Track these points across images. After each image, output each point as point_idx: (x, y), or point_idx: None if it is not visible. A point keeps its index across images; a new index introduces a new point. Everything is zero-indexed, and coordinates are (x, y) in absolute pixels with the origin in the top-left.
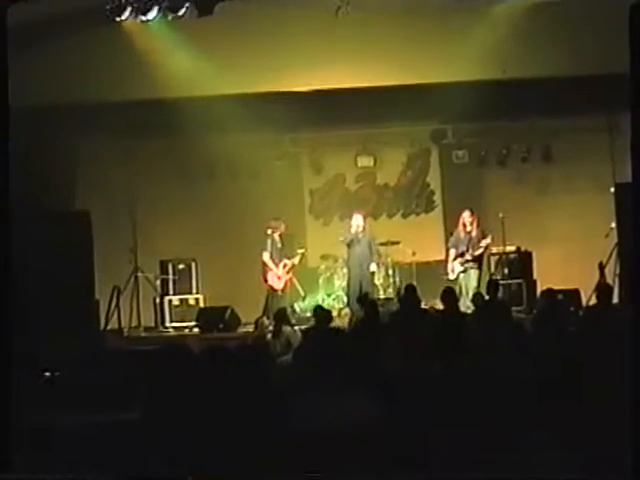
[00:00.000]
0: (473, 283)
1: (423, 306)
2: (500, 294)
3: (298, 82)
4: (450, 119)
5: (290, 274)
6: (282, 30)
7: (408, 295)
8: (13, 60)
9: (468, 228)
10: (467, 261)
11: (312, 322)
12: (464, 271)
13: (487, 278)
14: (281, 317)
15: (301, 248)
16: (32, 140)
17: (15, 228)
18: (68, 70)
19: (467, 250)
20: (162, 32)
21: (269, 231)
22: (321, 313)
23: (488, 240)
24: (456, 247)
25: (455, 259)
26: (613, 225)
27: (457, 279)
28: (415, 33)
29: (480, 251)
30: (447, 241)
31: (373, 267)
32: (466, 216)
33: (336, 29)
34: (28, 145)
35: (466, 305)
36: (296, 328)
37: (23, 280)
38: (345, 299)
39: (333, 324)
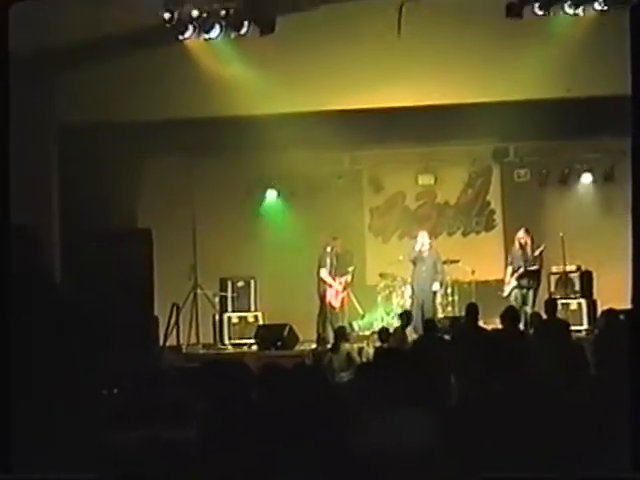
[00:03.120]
0: (528, 301)
1: (483, 325)
2: (559, 313)
3: (359, 100)
4: (512, 137)
5: (347, 291)
6: (345, 48)
7: (470, 314)
8: (77, 78)
9: (523, 246)
10: (521, 277)
11: (370, 339)
12: (519, 287)
13: (546, 297)
14: (342, 335)
15: (350, 266)
16: (96, 158)
17: (78, 245)
18: (132, 87)
19: (522, 267)
20: (225, 50)
21: (328, 248)
22: (384, 333)
23: (541, 248)
24: (512, 264)
25: (511, 275)
26: None
27: (510, 295)
28: (478, 51)
29: (534, 268)
30: (507, 260)
31: (436, 286)
32: (521, 234)
33: (398, 47)
34: (92, 163)
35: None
36: (355, 346)
37: (84, 296)
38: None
39: (392, 343)
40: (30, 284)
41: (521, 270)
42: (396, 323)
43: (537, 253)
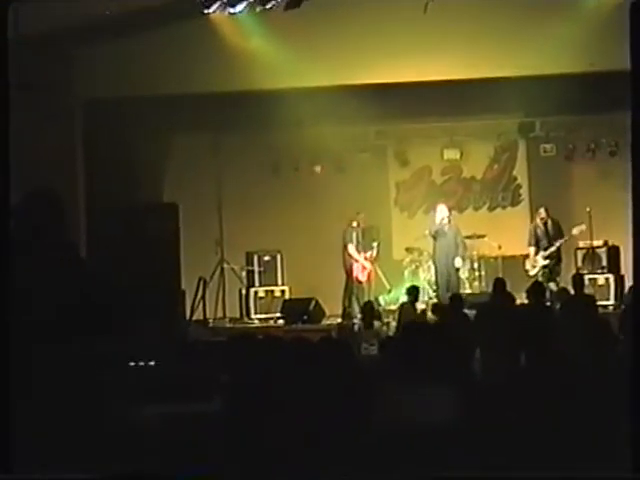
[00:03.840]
0: (554, 277)
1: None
2: (586, 289)
3: (385, 74)
4: (538, 112)
5: (373, 266)
6: (370, 22)
7: (497, 289)
8: (103, 53)
9: (545, 224)
10: (548, 257)
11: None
12: (545, 267)
13: (573, 272)
14: (369, 310)
15: (375, 240)
16: (122, 133)
17: (105, 220)
18: (158, 62)
19: (547, 245)
20: (250, 24)
21: (354, 223)
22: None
23: (564, 238)
24: (536, 244)
25: (536, 254)
26: None
27: (537, 275)
28: (503, 25)
29: (558, 244)
30: (530, 239)
31: (458, 262)
32: (542, 214)
33: (425, 21)
34: (118, 138)
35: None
36: (382, 321)
37: (112, 270)
38: (431, 292)
39: (418, 317)
40: (55, 258)
41: (548, 249)
42: (404, 298)
43: (558, 243)
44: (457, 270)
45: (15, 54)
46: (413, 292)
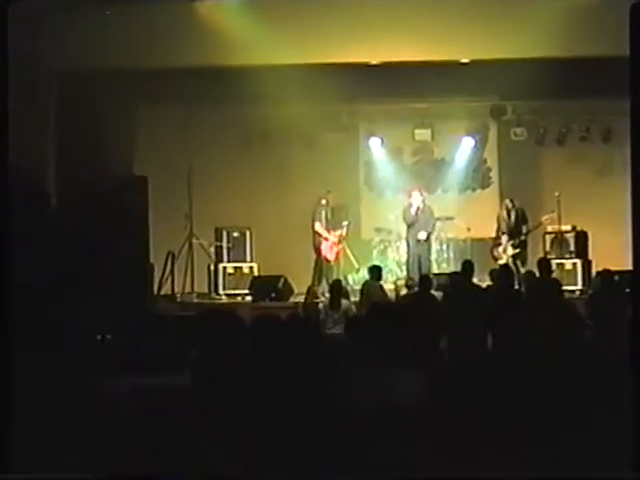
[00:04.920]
0: (520, 260)
1: (478, 282)
2: (554, 273)
3: (358, 54)
4: (511, 96)
5: (342, 245)
6: (345, 1)
7: (465, 271)
8: (76, 24)
9: (509, 214)
10: (516, 245)
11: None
12: (513, 255)
13: (541, 256)
14: (338, 289)
15: (345, 220)
16: (94, 104)
17: (74, 192)
18: (130, 35)
19: (513, 236)
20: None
21: (323, 202)
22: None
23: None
24: (505, 233)
25: (507, 242)
26: None
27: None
28: (478, 8)
29: (525, 232)
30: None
31: (422, 235)
32: (509, 204)
33: (399, 1)
34: (90, 110)
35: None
36: (352, 299)
37: (78, 243)
38: (399, 272)
39: (384, 296)
40: (26, 229)
41: (515, 239)
42: (390, 278)
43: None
44: (427, 247)
45: None
46: (376, 271)
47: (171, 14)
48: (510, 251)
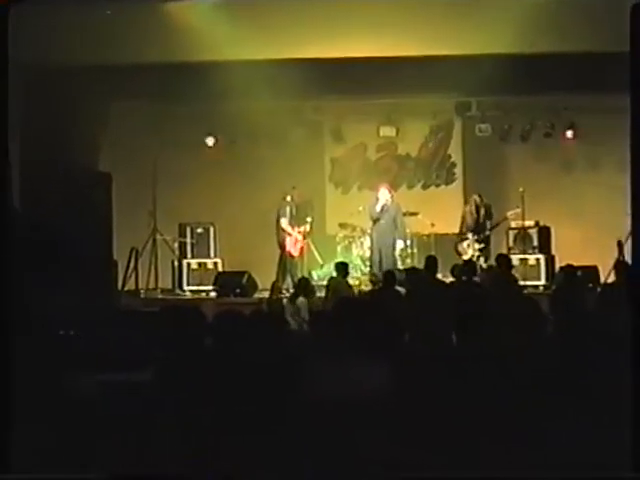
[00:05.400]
0: (485, 257)
1: (442, 278)
2: (517, 268)
3: (322, 49)
4: (475, 92)
5: (306, 241)
6: None
7: (429, 267)
8: (46, 18)
9: (477, 210)
10: (480, 241)
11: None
12: (478, 250)
13: (505, 252)
14: (304, 284)
15: (309, 217)
16: (58, 100)
17: (38, 186)
18: (97, 31)
19: (478, 232)
20: None
21: (288, 198)
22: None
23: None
24: (467, 230)
25: (467, 240)
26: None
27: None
28: (442, 3)
29: (488, 232)
30: (462, 227)
31: (400, 244)
32: (477, 200)
33: None
34: (53, 105)
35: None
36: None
37: (41, 239)
38: (363, 268)
39: (351, 293)
40: None
41: (480, 234)
42: (354, 274)
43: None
44: (394, 248)
45: None
46: (342, 268)
47: (139, 10)
48: (475, 246)
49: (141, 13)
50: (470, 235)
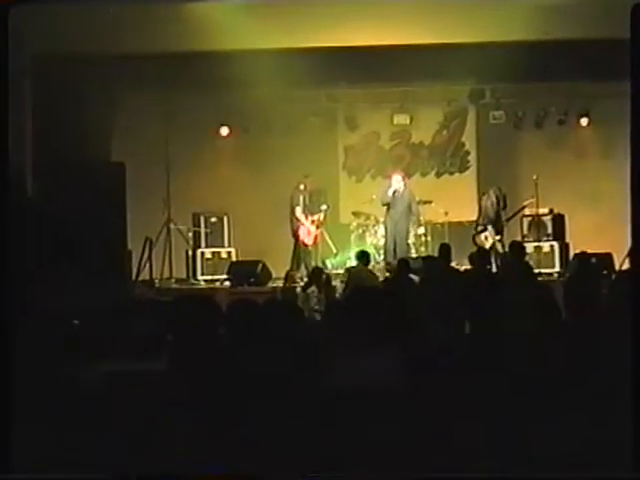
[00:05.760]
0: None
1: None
2: (532, 256)
3: (337, 38)
4: (489, 79)
5: (320, 229)
6: None
7: (442, 255)
8: (54, 7)
9: (497, 202)
10: (498, 233)
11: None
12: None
13: (518, 240)
14: (318, 273)
15: (324, 205)
16: (71, 90)
17: (51, 177)
18: (109, 20)
19: (497, 223)
20: None
21: (301, 187)
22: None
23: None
24: (491, 222)
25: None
26: None
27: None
28: None
29: (504, 224)
30: (480, 201)
31: (419, 230)
32: (496, 191)
33: None
34: (68, 95)
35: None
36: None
37: (55, 229)
38: (377, 257)
39: (374, 281)
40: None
41: (499, 225)
42: (354, 262)
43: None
44: (409, 234)
45: None
46: (363, 256)
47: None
48: (495, 237)
49: (154, 2)
50: (490, 227)
